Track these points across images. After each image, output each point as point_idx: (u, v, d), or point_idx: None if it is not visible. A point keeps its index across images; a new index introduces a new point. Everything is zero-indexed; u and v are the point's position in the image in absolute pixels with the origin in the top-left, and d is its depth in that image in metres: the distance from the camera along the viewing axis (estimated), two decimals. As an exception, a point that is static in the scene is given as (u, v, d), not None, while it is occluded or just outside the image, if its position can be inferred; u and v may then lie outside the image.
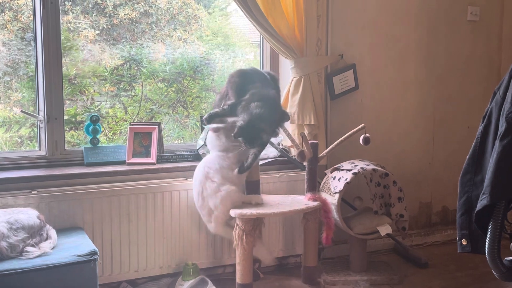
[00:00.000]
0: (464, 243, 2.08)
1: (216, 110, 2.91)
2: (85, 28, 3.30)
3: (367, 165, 3.22)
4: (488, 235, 1.96)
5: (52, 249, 2.44)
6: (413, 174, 3.92)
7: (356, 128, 3.13)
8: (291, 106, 3.35)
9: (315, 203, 3.01)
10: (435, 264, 3.58)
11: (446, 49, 3.97)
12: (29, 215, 2.47)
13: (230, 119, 2.85)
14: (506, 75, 2.00)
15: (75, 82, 3.30)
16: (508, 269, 2.01)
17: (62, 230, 2.70)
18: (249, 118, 2.72)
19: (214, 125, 2.93)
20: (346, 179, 3.11)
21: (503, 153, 1.90)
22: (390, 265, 3.47)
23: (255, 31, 3.35)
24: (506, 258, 2.04)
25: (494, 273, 2.04)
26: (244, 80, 2.90)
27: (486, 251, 1.98)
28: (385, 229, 3.17)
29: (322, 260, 3.52)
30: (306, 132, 3.27)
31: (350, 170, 3.16)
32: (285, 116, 2.96)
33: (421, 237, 4.00)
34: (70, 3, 3.25)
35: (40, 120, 3.05)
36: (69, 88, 3.26)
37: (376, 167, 3.21)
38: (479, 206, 1.96)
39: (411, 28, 3.83)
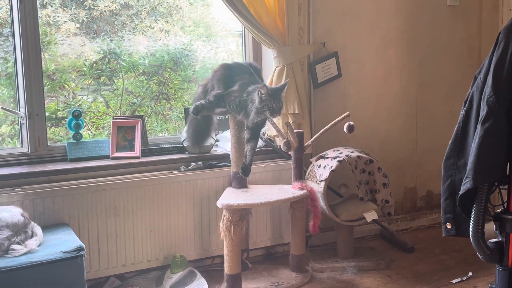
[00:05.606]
0: (449, 226, 2.11)
1: (202, 101, 2.95)
2: (65, 22, 3.25)
3: (351, 152, 3.24)
4: (472, 218, 1.99)
5: (38, 246, 2.42)
6: (397, 160, 3.95)
7: (341, 116, 3.14)
8: (275, 95, 3.34)
9: (302, 192, 3.02)
10: (421, 248, 3.62)
11: (426, 34, 3.99)
12: (12, 213, 2.44)
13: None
14: (486, 59, 2.02)
15: (54, 77, 3.26)
16: (492, 251, 2.04)
17: (47, 227, 2.67)
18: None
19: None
20: (331, 167, 3.12)
21: (484, 137, 1.92)
22: (376, 251, 3.50)
23: (237, 20, 3.33)
24: (490, 240, 2.07)
25: (479, 255, 2.07)
26: (231, 72, 2.97)
27: (471, 234, 2.00)
28: (371, 215, 3.20)
29: (309, 248, 3.54)
30: (290, 121, 3.27)
31: (335, 158, 3.17)
32: None
33: (407, 221, 4.04)
34: (48, -4, 3.20)
35: (21, 117, 3.01)
36: (48, 84, 3.21)
37: (361, 154, 3.23)
38: (462, 189, 1.98)
39: (392, 14, 3.84)
